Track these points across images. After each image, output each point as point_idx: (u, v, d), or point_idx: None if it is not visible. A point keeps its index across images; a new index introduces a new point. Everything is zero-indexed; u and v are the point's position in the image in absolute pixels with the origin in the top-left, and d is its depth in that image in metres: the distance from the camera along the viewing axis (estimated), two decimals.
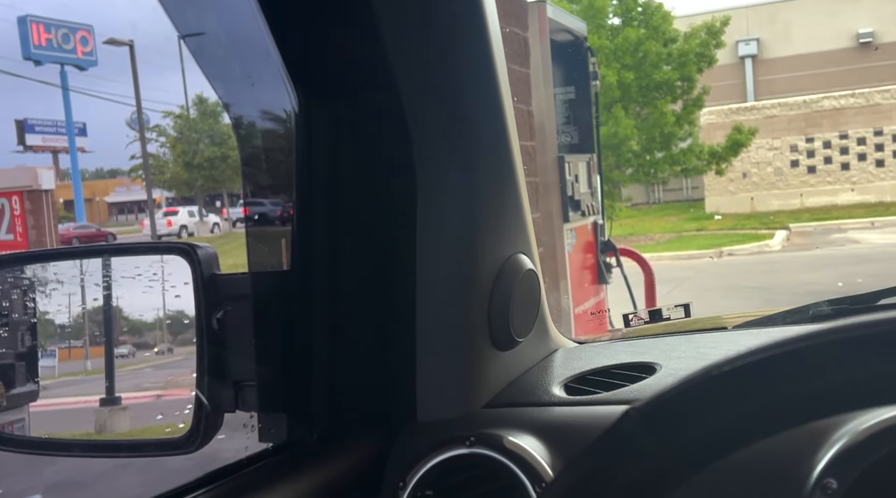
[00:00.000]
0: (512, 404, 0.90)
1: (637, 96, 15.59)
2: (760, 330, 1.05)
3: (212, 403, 0.84)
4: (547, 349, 1.06)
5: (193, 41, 0.77)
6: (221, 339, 0.85)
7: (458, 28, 0.80)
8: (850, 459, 0.66)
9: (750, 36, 26.52)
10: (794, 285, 9.97)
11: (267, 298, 0.83)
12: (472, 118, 0.84)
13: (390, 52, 0.77)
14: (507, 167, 0.90)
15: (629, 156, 15.35)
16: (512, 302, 0.90)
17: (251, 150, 0.85)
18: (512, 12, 3.99)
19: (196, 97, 16.46)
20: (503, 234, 0.91)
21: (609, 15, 15.83)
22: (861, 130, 21.23)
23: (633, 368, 0.94)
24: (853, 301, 1.09)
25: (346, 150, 0.83)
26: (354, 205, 0.84)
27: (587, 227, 5.06)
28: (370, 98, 0.81)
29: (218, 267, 0.86)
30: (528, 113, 4.14)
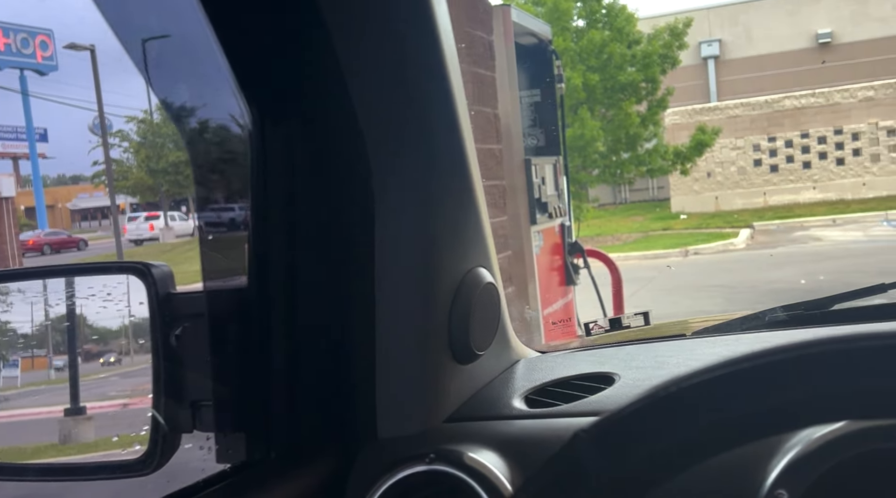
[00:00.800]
0: (473, 418, 0.90)
1: (602, 98, 15.72)
2: (717, 337, 1.06)
3: (169, 423, 0.83)
4: (508, 360, 1.06)
5: (139, 58, 0.76)
6: (178, 358, 0.84)
7: (412, 43, 0.80)
8: (800, 470, 0.67)
9: (712, 37, 26.89)
10: (758, 283, 10.12)
11: (223, 315, 0.82)
12: (428, 134, 0.84)
13: (344, 68, 0.77)
14: (464, 181, 0.90)
15: (595, 157, 15.47)
16: (472, 316, 0.90)
17: (204, 167, 0.84)
18: (476, 16, 4.00)
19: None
20: (462, 248, 0.91)
21: (574, 17, 15.94)
22: (821, 129, 21.63)
23: (592, 379, 0.95)
24: (807, 307, 1.11)
25: (302, 167, 0.82)
26: (311, 222, 0.84)
27: (554, 229, 5.09)
28: (325, 114, 0.81)
29: (173, 285, 0.85)
30: (495, 116, 4.16)
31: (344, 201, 0.84)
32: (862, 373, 0.45)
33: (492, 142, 4.08)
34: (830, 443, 0.67)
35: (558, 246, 5.18)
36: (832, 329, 0.47)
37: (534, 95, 5.25)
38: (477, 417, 0.90)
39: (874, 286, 1.13)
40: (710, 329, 1.14)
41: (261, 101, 0.78)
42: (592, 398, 0.88)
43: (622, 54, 15.62)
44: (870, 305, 1.11)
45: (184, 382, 0.83)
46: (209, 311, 0.82)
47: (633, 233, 18.25)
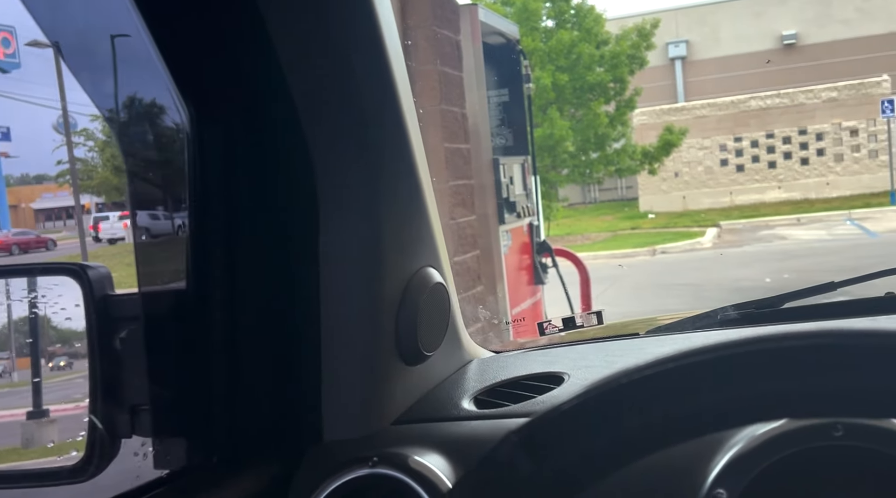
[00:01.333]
0: (421, 420, 0.89)
1: (571, 98, 15.80)
2: (667, 336, 1.06)
3: (106, 427, 0.81)
4: (460, 361, 1.05)
5: (73, 57, 0.74)
6: (116, 361, 0.82)
7: (354, 40, 0.78)
8: (739, 469, 0.67)
9: (679, 38, 27.17)
10: (725, 282, 10.24)
11: (162, 318, 0.80)
12: (372, 132, 0.83)
13: (284, 65, 0.76)
14: (412, 180, 0.89)
15: (565, 156, 15.54)
16: (419, 316, 0.89)
17: (140, 166, 0.82)
18: (443, 15, 3.99)
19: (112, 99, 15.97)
20: (409, 248, 0.90)
21: (542, 17, 16.00)
22: (786, 130, 21.96)
23: (542, 379, 0.94)
24: (759, 305, 1.11)
25: (242, 167, 0.80)
26: (253, 221, 0.82)
27: (523, 228, 5.11)
28: (265, 113, 0.79)
29: (111, 287, 0.83)
30: (462, 115, 4.15)
31: (286, 201, 0.83)
32: (793, 372, 0.45)
33: (460, 141, 4.07)
34: (769, 442, 0.67)
35: (527, 245, 5.20)
36: (768, 328, 0.46)
37: (502, 95, 5.26)
38: (425, 418, 0.89)
39: (824, 284, 1.13)
40: (662, 328, 1.14)
41: (197, 100, 0.76)
42: (540, 398, 0.88)
43: (591, 55, 15.70)
44: (819, 304, 1.11)
45: (122, 386, 0.81)
46: (147, 313, 0.80)
47: (603, 232, 18.38)
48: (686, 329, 1.12)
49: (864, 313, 1.06)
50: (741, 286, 9.40)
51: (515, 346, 1.23)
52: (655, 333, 1.12)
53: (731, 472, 0.67)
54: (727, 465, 0.67)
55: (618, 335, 1.15)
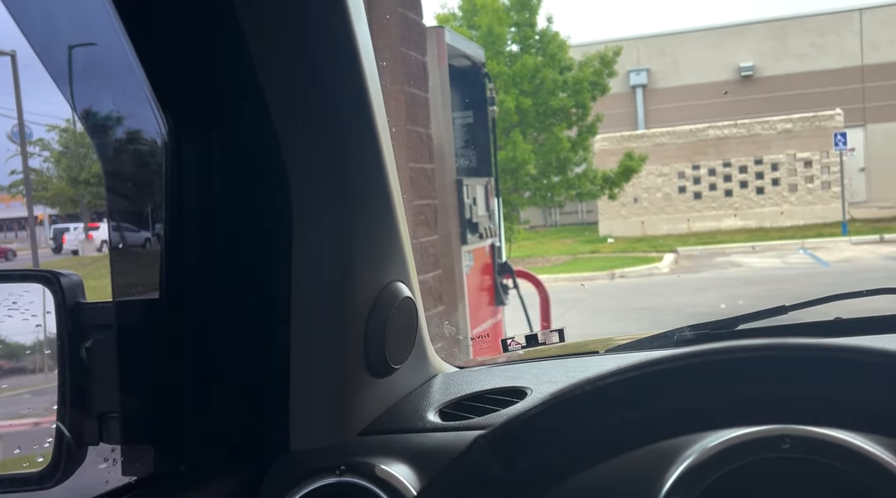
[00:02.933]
0: (387, 431, 0.90)
1: (534, 122, 15.98)
2: (627, 354, 1.10)
3: (74, 434, 0.82)
4: (425, 375, 1.07)
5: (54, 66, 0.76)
6: (86, 368, 0.82)
7: (331, 56, 0.81)
8: (694, 478, 0.70)
9: (641, 66, 27.70)
10: (681, 306, 10.40)
11: (134, 326, 0.81)
12: (347, 147, 0.85)
13: (262, 80, 0.78)
14: (383, 196, 0.91)
15: (527, 179, 15.69)
16: (388, 330, 0.91)
17: (117, 176, 0.83)
18: (410, 37, 4.04)
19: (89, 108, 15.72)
20: (380, 262, 0.92)
21: (508, 42, 16.20)
22: (743, 159, 22.45)
23: (505, 393, 0.97)
24: (714, 326, 1.16)
25: (218, 179, 0.82)
26: (227, 232, 0.84)
27: (485, 249, 5.15)
28: (242, 126, 0.81)
29: (83, 295, 0.83)
30: (427, 136, 4.19)
31: (260, 213, 0.85)
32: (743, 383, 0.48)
33: (424, 161, 4.11)
34: (720, 453, 0.70)
35: (488, 266, 5.24)
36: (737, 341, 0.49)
37: (467, 117, 5.32)
38: (391, 430, 0.91)
39: (776, 308, 1.18)
40: (622, 347, 1.18)
41: (177, 112, 0.78)
42: (504, 411, 0.90)
43: (554, 80, 15.93)
44: (771, 326, 1.16)
45: (91, 394, 0.81)
46: (119, 321, 0.80)
47: (563, 255, 18.55)
48: (644, 348, 1.16)
49: (814, 335, 1.10)
50: (697, 311, 9.56)
51: (479, 362, 1.26)
52: (615, 352, 1.16)
53: (684, 482, 0.70)
54: (681, 475, 0.70)
55: (578, 353, 1.18)
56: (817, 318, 1.20)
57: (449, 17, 15.96)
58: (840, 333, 1.11)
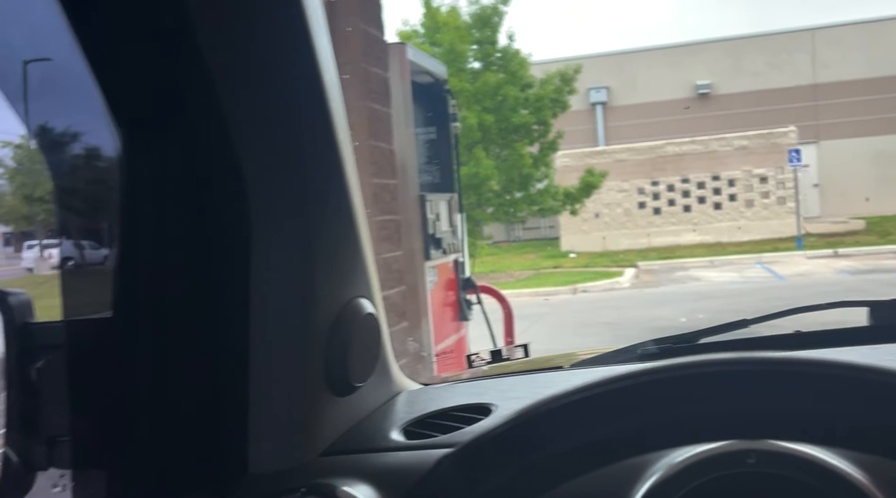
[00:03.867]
0: (350, 451, 0.89)
1: (497, 138, 16.10)
2: (591, 369, 1.10)
3: (22, 459, 0.79)
4: (389, 393, 1.05)
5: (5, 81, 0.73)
6: (35, 391, 0.79)
7: (291, 71, 0.79)
8: (661, 494, 0.70)
9: (600, 84, 28.08)
10: (642, 321, 10.50)
11: (86, 347, 0.78)
12: (308, 162, 0.84)
13: (220, 93, 0.76)
14: (346, 211, 0.90)
15: (490, 195, 15.78)
16: (350, 347, 0.89)
17: (68, 191, 0.80)
18: (373, 53, 4.03)
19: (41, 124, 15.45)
20: (342, 278, 0.91)
21: (469, 59, 16.32)
22: (701, 175, 22.84)
23: (470, 410, 0.96)
24: (676, 340, 1.16)
25: (174, 195, 0.80)
26: (182, 250, 0.81)
27: (448, 264, 5.14)
28: (199, 142, 0.79)
29: (32, 314, 0.81)
30: (390, 151, 4.19)
31: (218, 230, 0.82)
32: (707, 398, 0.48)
33: (387, 177, 4.10)
34: (686, 469, 0.70)
35: (452, 282, 5.23)
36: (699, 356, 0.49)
37: (429, 133, 5.32)
38: (354, 450, 0.89)
39: (737, 321, 1.19)
40: (586, 361, 1.17)
41: (131, 126, 0.76)
42: (469, 428, 0.89)
43: (516, 97, 16.08)
44: (732, 340, 1.17)
45: (40, 417, 0.78)
46: (70, 342, 0.78)
47: (526, 270, 18.65)
48: (608, 362, 1.16)
49: (774, 348, 1.12)
50: (658, 325, 9.67)
51: (443, 378, 1.25)
52: (579, 367, 1.16)
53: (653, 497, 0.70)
54: (648, 492, 0.70)
55: (543, 368, 1.17)
56: (777, 331, 1.21)
57: (411, 33, 16.03)
58: (800, 346, 1.12)
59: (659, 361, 0.49)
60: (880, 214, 24.29)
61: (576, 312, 12.17)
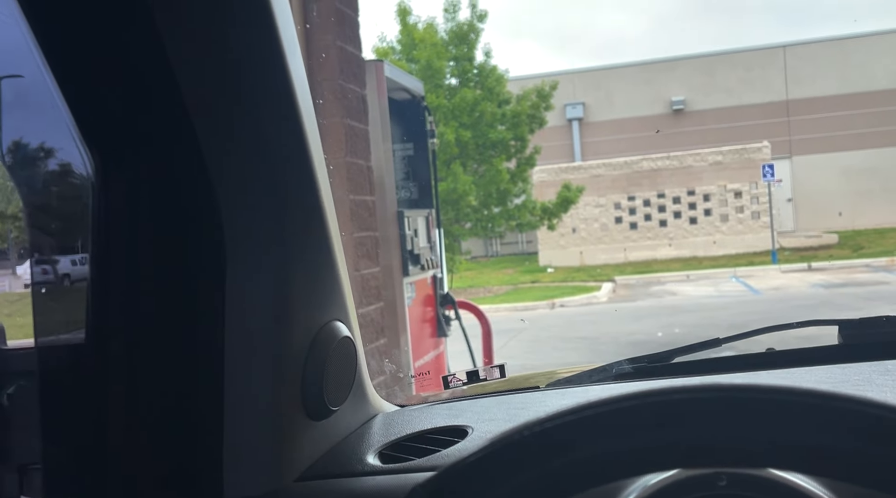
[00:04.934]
0: (325, 476, 0.88)
1: (474, 154, 16.16)
2: (567, 389, 1.10)
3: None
4: (365, 415, 1.05)
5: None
6: (5, 417, 0.78)
7: (264, 92, 0.80)
8: None
9: (576, 100, 28.31)
10: (619, 335, 10.55)
11: (57, 373, 0.78)
12: (282, 184, 0.84)
13: (192, 115, 0.76)
14: (320, 234, 0.90)
15: (468, 210, 15.81)
16: (326, 371, 0.89)
17: (39, 214, 0.80)
18: (350, 70, 4.05)
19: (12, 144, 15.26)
20: (317, 302, 0.91)
21: (447, 75, 16.40)
22: (676, 190, 23.05)
23: (446, 432, 0.96)
24: (651, 359, 1.17)
25: (147, 218, 0.79)
26: (156, 273, 0.81)
27: (427, 280, 5.14)
28: (173, 163, 0.79)
29: (4, 341, 0.80)
30: (368, 168, 4.19)
31: (191, 252, 0.82)
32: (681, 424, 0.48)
33: (365, 193, 4.10)
34: (659, 492, 0.71)
35: (430, 298, 5.23)
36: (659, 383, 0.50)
37: (407, 149, 5.34)
38: (329, 474, 0.88)
39: (710, 341, 1.20)
40: (562, 381, 1.18)
41: (103, 149, 0.75)
42: (445, 452, 0.89)
43: (493, 113, 16.17)
44: (706, 359, 1.18)
45: (11, 444, 0.77)
46: (42, 368, 0.77)
47: (504, 285, 18.67)
48: (584, 382, 1.17)
49: (746, 368, 1.13)
50: (635, 340, 9.71)
51: (420, 399, 1.25)
52: (555, 387, 1.16)
53: None
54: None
55: (519, 388, 1.18)
56: (750, 349, 1.23)
57: (388, 50, 16.09)
58: (771, 365, 1.13)
59: (631, 388, 0.50)
60: (853, 229, 24.65)
61: (554, 326, 12.19)
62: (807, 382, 1.00)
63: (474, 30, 16.58)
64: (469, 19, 16.62)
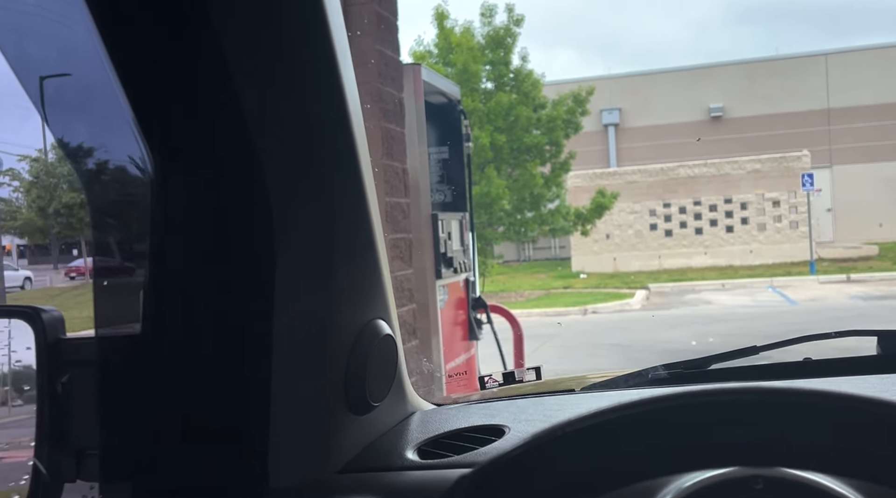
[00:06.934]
0: (366, 469, 0.91)
1: (508, 158, 16.16)
2: (603, 393, 1.11)
3: (50, 471, 0.81)
4: (404, 412, 1.08)
5: (41, 100, 0.76)
6: (64, 405, 0.82)
7: (317, 100, 0.82)
8: None
9: (613, 106, 28.15)
10: (653, 343, 10.46)
11: (114, 363, 0.81)
12: (330, 185, 0.87)
13: (249, 120, 0.79)
14: (365, 234, 0.93)
15: (501, 214, 15.82)
16: (368, 367, 0.91)
17: (102, 211, 0.83)
18: (388, 74, 4.08)
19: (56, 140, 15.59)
20: (361, 300, 0.93)
21: (482, 79, 16.43)
22: (713, 198, 22.80)
23: (483, 431, 0.98)
24: (687, 365, 1.18)
25: (204, 216, 0.83)
26: (210, 270, 0.84)
27: (459, 283, 5.16)
28: (229, 164, 0.82)
29: (63, 331, 0.83)
30: (403, 171, 4.22)
31: (244, 252, 0.85)
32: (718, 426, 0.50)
33: (400, 196, 4.13)
34: (695, 494, 0.72)
35: (462, 301, 5.24)
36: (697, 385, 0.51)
37: (442, 152, 5.36)
38: (370, 468, 0.91)
39: (747, 348, 1.21)
40: (597, 385, 1.19)
41: (164, 152, 0.79)
42: (482, 449, 0.91)
43: (528, 117, 16.16)
44: (742, 366, 1.18)
45: (69, 430, 0.81)
46: (100, 358, 0.80)
47: (536, 290, 18.62)
48: (619, 386, 1.18)
49: (783, 376, 1.13)
50: (669, 348, 9.63)
51: (456, 399, 1.27)
52: (590, 390, 1.17)
53: None
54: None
55: (554, 391, 1.19)
56: (787, 358, 1.23)
57: (425, 53, 16.16)
58: (809, 374, 1.13)
59: (670, 389, 0.51)
60: (894, 240, 24.16)
61: (586, 333, 12.13)
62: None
63: (511, 34, 16.59)
64: (506, 23, 16.63)
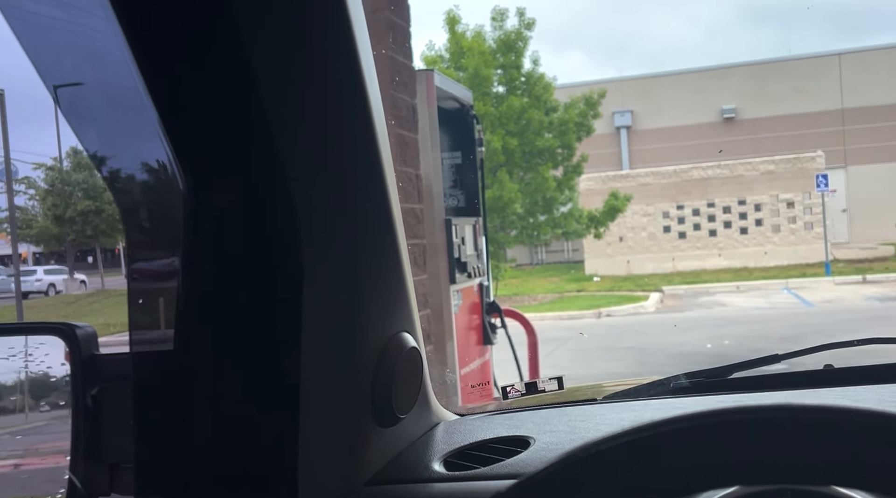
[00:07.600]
0: (393, 481, 0.92)
1: (521, 161, 16.16)
2: (625, 403, 1.12)
3: (85, 485, 0.83)
4: (429, 423, 1.09)
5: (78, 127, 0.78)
6: (99, 419, 0.83)
7: (345, 116, 0.84)
8: None
9: (625, 108, 28.09)
10: (667, 346, 10.42)
11: (148, 378, 0.83)
12: (357, 199, 0.88)
13: (278, 134, 0.80)
14: (391, 246, 0.94)
15: (513, 218, 15.81)
16: (395, 380, 0.93)
17: (136, 228, 0.85)
18: (401, 80, 4.10)
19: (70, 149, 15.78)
20: (387, 313, 0.95)
21: (494, 83, 16.44)
22: (726, 199, 22.68)
23: (509, 442, 0.98)
24: (708, 375, 1.18)
25: (235, 231, 0.84)
26: (240, 287, 0.85)
27: (473, 288, 5.16)
28: (258, 179, 0.83)
29: (97, 347, 0.85)
30: (417, 176, 4.24)
31: (273, 265, 0.86)
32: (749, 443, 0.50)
33: (413, 201, 4.15)
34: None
35: (476, 305, 5.25)
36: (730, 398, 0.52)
37: (455, 157, 5.37)
38: (397, 480, 0.92)
39: (769, 356, 1.21)
40: (619, 394, 1.20)
41: (196, 169, 0.80)
42: (509, 461, 0.92)
43: (540, 121, 16.15)
44: (764, 375, 1.19)
45: (103, 444, 0.83)
46: (133, 373, 0.82)
47: (549, 293, 18.59)
48: (641, 396, 1.18)
49: (805, 384, 1.14)
50: (683, 351, 9.59)
51: (479, 409, 1.27)
52: (613, 399, 1.18)
53: None
54: None
55: (576, 401, 1.20)
56: (806, 364, 1.23)
57: (436, 58, 16.19)
58: (831, 383, 1.14)
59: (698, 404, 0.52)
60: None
61: (600, 336, 12.10)
62: (868, 400, 1.00)
63: (522, 38, 16.59)
64: (517, 27, 16.64)
